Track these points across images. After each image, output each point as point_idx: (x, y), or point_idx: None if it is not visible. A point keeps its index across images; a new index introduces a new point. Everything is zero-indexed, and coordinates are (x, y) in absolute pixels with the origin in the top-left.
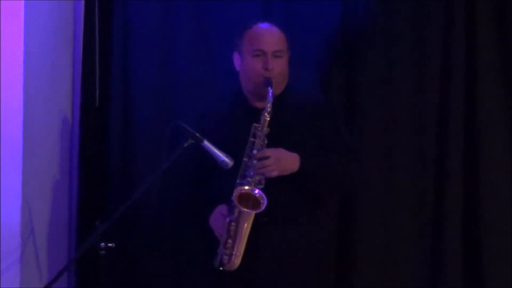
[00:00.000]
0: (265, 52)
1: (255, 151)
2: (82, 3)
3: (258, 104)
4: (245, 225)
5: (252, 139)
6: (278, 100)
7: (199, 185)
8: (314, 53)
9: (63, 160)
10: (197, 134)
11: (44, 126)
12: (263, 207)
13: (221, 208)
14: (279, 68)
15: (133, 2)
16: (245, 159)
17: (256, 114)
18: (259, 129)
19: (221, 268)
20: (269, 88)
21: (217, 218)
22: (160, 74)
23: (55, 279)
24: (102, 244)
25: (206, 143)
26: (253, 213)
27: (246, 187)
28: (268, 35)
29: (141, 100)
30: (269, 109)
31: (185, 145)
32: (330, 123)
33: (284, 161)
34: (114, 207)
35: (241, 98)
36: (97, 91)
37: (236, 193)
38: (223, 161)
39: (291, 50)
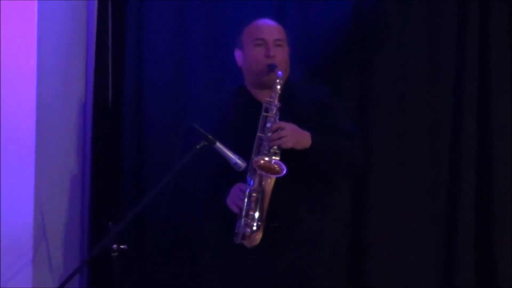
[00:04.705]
0: (266, 41)
1: (269, 124)
2: (96, 3)
3: (263, 97)
4: (266, 192)
5: (265, 114)
6: (280, 93)
7: (212, 185)
8: (328, 52)
9: (75, 162)
10: (210, 136)
11: (57, 127)
12: (283, 172)
13: (239, 185)
14: (280, 56)
15: (146, 2)
16: (260, 133)
17: (260, 107)
18: (271, 103)
19: (243, 242)
20: (275, 69)
21: (236, 193)
22: (173, 75)
23: (67, 281)
24: (115, 246)
25: (219, 145)
26: (274, 177)
27: (266, 158)
28: (268, 25)
29: (154, 101)
30: (279, 86)
31: (198, 147)
32: (332, 112)
33: (298, 134)
34: (126, 208)
35: (245, 94)
36: (110, 92)
37: (254, 162)
38: (236, 163)
39: (295, 47)
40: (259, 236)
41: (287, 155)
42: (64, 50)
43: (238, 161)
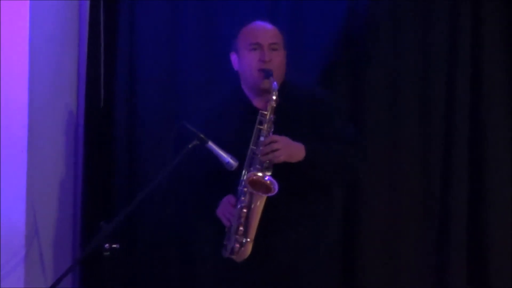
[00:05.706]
0: (261, 45)
1: (262, 138)
2: (88, 3)
3: (259, 103)
4: (257, 210)
5: (258, 127)
6: (276, 105)
7: (204, 186)
8: (321, 51)
9: (67, 161)
10: (202, 135)
11: (49, 126)
12: (275, 191)
13: (229, 198)
14: (276, 60)
15: (139, 2)
16: (253, 146)
17: (256, 113)
18: (265, 116)
19: (232, 257)
20: (271, 78)
21: (225, 207)
22: (166, 74)
23: (59, 280)
24: (107, 245)
25: (211, 144)
26: (265, 196)
27: (258, 174)
28: (263, 29)
29: (146, 100)
30: (274, 97)
31: (190, 146)
32: (330, 116)
33: (291, 147)
34: (118, 207)
35: (241, 98)
36: (102, 91)
37: (247, 178)
38: (228, 162)
39: (288, 49)
40: (248, 251)
41: (281, 164)
42: (56, 51)
43: (231, 161)
